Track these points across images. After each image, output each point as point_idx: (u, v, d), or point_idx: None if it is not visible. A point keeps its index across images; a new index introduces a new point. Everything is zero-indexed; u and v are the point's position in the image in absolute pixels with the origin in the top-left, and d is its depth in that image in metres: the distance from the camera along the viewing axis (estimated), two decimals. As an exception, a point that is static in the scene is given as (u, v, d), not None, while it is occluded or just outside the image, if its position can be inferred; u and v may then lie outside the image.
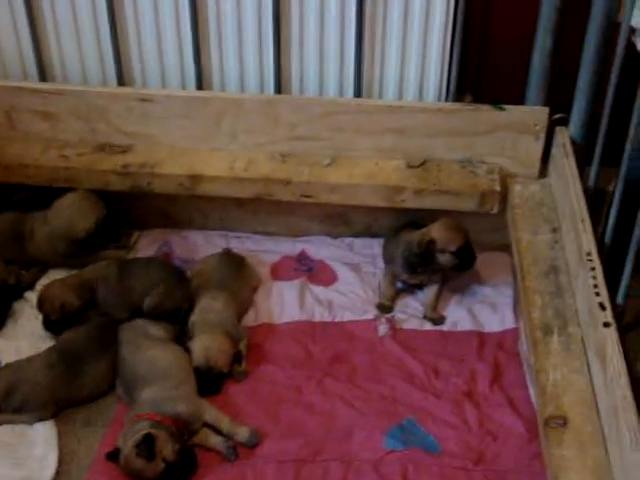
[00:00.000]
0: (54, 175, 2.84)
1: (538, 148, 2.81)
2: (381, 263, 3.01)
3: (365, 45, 2.78)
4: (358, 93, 2.87)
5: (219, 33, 2.79)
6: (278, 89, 2.88)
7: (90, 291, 2.70)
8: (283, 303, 2.87)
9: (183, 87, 2.90)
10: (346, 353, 2.70)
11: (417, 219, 2.88)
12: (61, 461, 2.37)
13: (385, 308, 2.84)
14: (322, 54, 2.81)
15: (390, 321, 2.79)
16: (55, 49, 2.85)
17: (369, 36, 2.77)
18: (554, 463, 2.00)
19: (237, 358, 2.63)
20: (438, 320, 2.80)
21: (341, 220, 3.09)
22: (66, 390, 2.50)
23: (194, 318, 2.69)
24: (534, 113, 2.75)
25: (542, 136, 2.78)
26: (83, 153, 2.88)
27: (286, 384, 2.60)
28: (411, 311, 2.85)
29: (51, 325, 2.66)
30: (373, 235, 3.11)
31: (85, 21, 2.79)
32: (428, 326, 2.80)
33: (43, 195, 2.95)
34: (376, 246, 3.09)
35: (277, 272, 3.00)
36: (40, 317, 2.69)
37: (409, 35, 2.75)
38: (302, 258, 3.06)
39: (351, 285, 2.94)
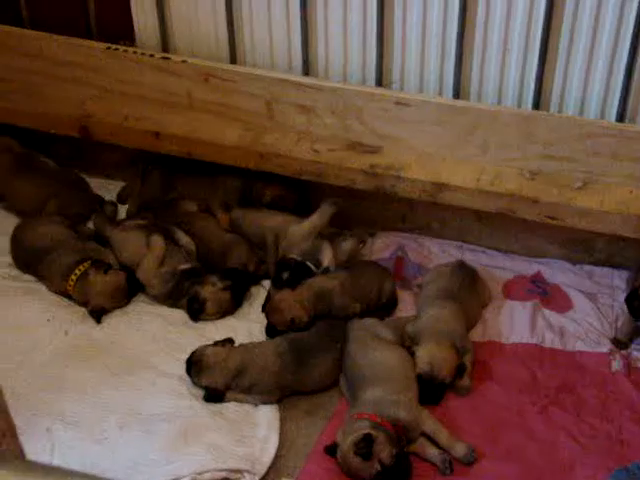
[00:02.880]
0: (304, 167, 2.91)
1: None
2: (620, 296, 2.87)
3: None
4: (621, 117, 2.75)
5: (483, 42, 2.75)
6: (536, 104, 2.81)
7: (326, 301, 2.74)
8: (513, 323, 2.81)
9: (440, 94, 2.89)
10: (574, 384, 2.61)
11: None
12: (281, 446, 2.44)
13: (621, 343, 2.71)
14: (588, 72, 2.72)
15: (626, 358, 2.66)
16: (322, 45, 2.91)
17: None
18: None
19: (460, 371, 2.60)
20: (679, 365, 2.65)
21: (583, 246, 2.98)
22: (292, 379, 2.57)
23: (422, 325, 2.68)
24: None
25: None
26: (334, 149, 2.92)
27: (508, 406, 2.55)
28: (649, 351, 2.71)
29: (274, 332, 2.71)
30: (615, 266, 2.99)
31: (355, 22, 2.83)
32: (667, 369, 2.65)
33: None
34: (617, 277, 2.97)
35: (510, 291, 2.94)
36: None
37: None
38: (537, 280, 2.98)
39: (586, 314, 2.84)
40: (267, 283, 2.94)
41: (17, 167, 3.17)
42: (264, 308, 2.80)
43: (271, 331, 2.73)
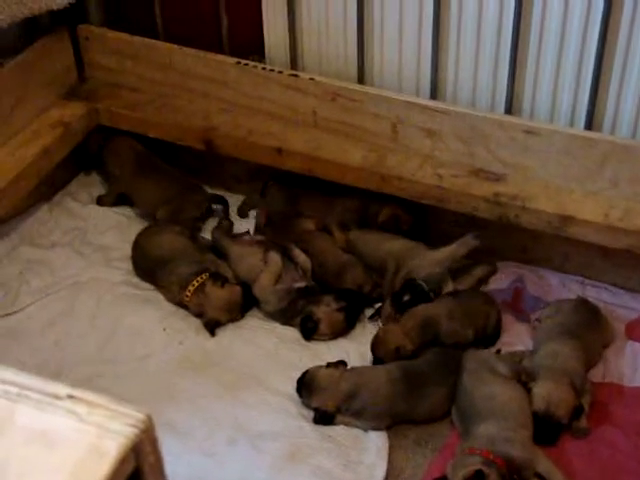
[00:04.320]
0: (426, 192, 2.86)
1: None
2: None
3: None
4: None
5: (622, 73, 2.66)
6: (674, 140, 2.71)
7: (433, 329, 2.70)
8: (636, 366, 2.69)
9: (571, 125, 2.81)
10: (700, 435, 2.49)
11: None
12: (388, 474, 2.40)
13: None
14: None
15: None
16: (452, 70, 2.87)
17: None
18: None
19: (577, 412, 2.51)
20: None
21: None
22: (403, 407, 2.53)
23: (540, 360, 2.60)
24: None
25: None
26: (457, 175, 2.87)
27: (628, 453, 2.44)
28: None
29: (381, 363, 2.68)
30: None
31: (487, 48, 2.77)
32: None
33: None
34: None
35: (633, 331, 2.82)
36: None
37: None
38: (663, 321, 2.86)
39: None
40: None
41: (140, 166, 3.24)
42: (372, 317, 2.83)
43: (378, 363, 2.69)
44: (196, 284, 2.82)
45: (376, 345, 2.69)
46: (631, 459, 2.42)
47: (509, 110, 2.87)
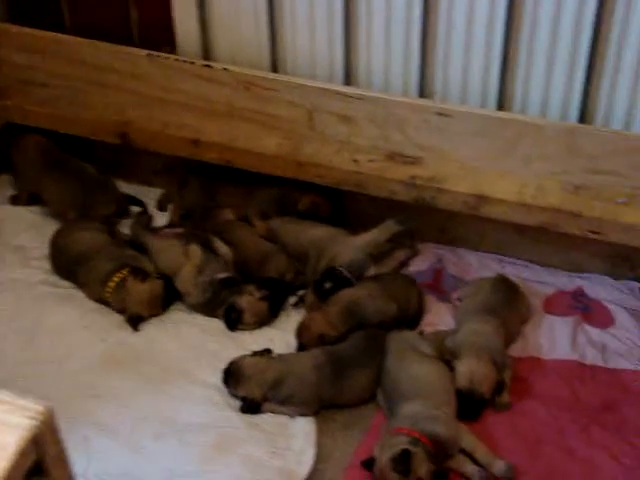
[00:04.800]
0: (344, 178, 2.89)
1: None
2: (663, 313, 2.83)
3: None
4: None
5: (529, 54, 2.72)
6: (582, 118, 2.77)
7: (358, 312, 2.72)
8: (554, 339, 2.76)
9: (482, 105, 2.85)
10: (616, 403, 2.56)
11: None
12: (317, 459, 2.42)
13: (663, 362, 2.67)
14: (637, 85, 2.67)
15: (669, 377, 2.61)
16: (364, 55, 2.88)
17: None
18: None
19: (500, 387, 2.56)
20: None
21: (626, 262, 2.93)
22: (330, 391, 2.54)
23: (462, 339, 2.65)
24: None
25: None
26: (374, 160, 2.90)
27: (548, 423, 2.51)
28: (694, 370, 2.66)
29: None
30: (659, 283, 2.93)
31: (398, 32, 2.80)
32: None
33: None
34: (660, 294, 2.92)
35: (551, 306, 2.89)
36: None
37: None
38: (578, 295, 2.93)
39: (628, 332, 2.78)
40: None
41: (46, 165, 3.17)
42: (296, 305, 2.85)
43: (303, 350, 2.70)
44: (117, 280, 2.80)
45: (300, 332, 2.70)
46: (552, 431, 2.48)
47: (422, 93, 2.90)
